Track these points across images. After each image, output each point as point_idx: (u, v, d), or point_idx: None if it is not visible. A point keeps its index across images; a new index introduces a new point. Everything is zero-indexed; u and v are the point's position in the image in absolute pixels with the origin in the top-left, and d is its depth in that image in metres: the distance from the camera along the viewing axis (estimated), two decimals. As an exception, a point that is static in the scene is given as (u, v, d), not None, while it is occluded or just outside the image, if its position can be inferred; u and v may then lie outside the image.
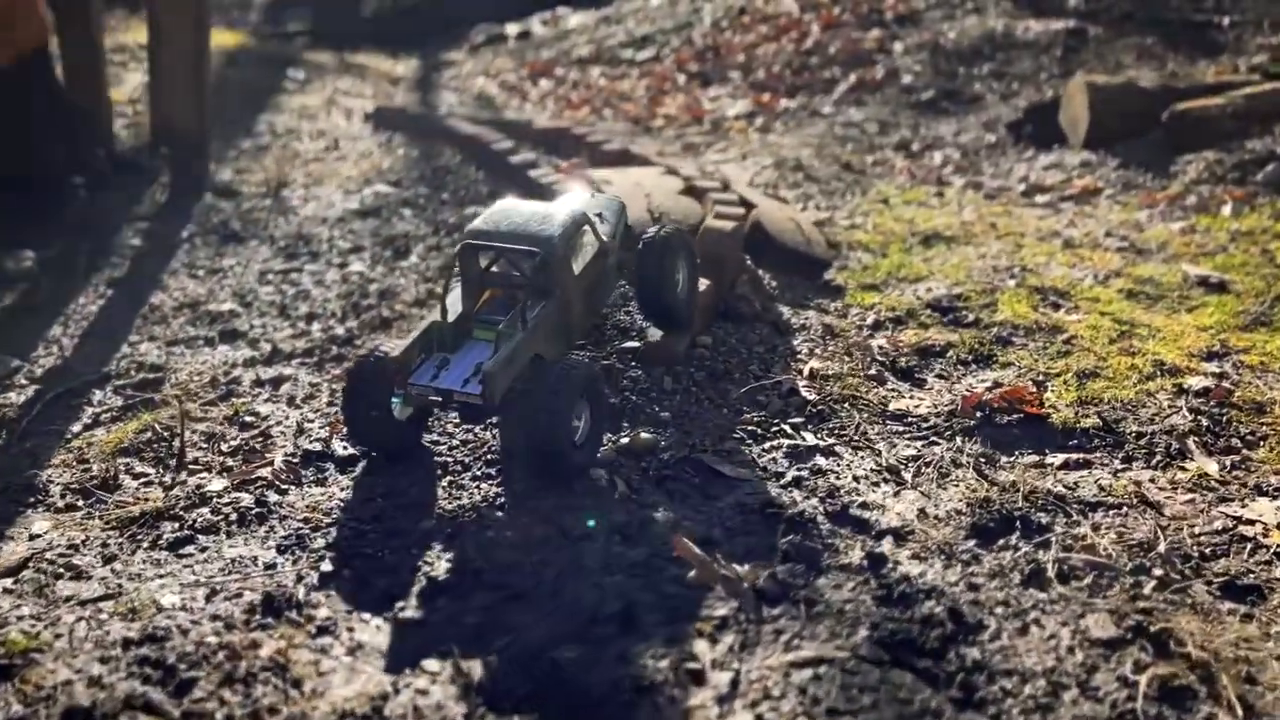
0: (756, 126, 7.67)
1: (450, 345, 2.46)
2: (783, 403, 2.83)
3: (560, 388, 2.33)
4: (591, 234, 2.65)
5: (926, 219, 4.62)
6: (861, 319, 3.48)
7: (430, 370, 2.41)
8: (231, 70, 9.64)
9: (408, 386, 2.39)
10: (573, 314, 2.59)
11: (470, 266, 2.54)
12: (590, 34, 12.35)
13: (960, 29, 8.88)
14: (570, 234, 2.52)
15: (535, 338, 2.44)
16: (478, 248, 2.51)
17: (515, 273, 2.51)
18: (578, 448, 2.43)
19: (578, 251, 2.58)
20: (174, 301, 3.68)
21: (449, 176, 5.27)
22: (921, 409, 2.85)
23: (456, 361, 2.43)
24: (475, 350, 2.44)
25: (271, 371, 3.14)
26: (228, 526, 2.32)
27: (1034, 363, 3.12)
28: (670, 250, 2.81)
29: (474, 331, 2.49)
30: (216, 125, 7.16)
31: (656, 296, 2.82)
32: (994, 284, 3.74)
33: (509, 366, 2.34)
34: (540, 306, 2.46)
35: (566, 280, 2.52)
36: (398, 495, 2.44)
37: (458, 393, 2.34)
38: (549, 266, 2.45)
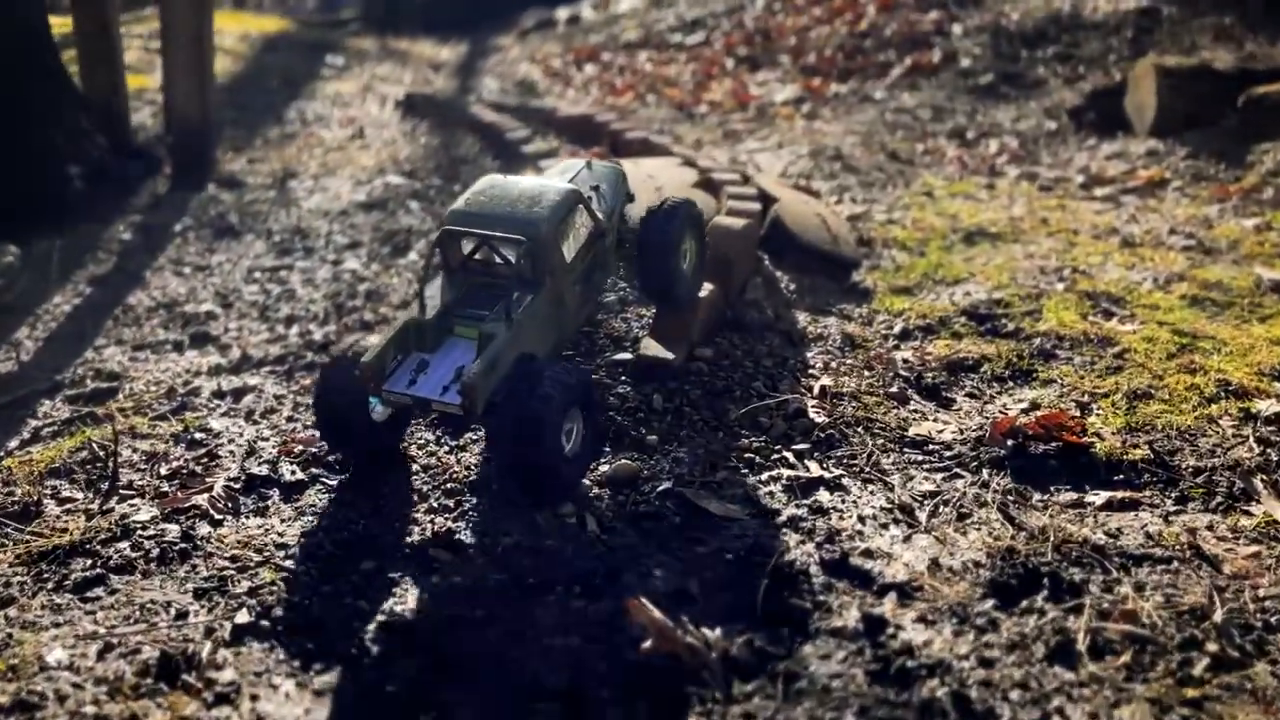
0: (804, 113, 7.30)
1: (429, 344, 2.22)
2: (787, 425, 2.51)
3: (551, 396, 2.08)
4: (586, 214, 2.39)
5: (972, 214, 4.25)
6: (888, 327, 3.14)
7: (407, 374, 2.18)
8: (270, 56, 9.50)
9: (382, 392, 2.15)
10: (565, 305, 2.35)
11: (451, 255, 2.31)
12: (640, 18, 12.04)
13: (1024, 9, 8.40)
14: (561, 217, 2.27)
15: (523, 336, 2.20)
16: (460, 234, 2.27)
17: (500, 261, 2.26)
18: (568, 461, 2.19)
19: (570, 235, 2.33)
20: (151, 301, 3.46)
21: (465, 167, 5.00)
22: (945, 434, 2.51)
23: (436, 363, 2.19)
24: (456, 350, 2.21)
25: (236, 381, 2.89)
26: (145, 565, 2.07)
27: (1079, 380, 2.76)
28: (676, 221, 2.54)
29: (455, 328, 2.25)
30: (247, 113, 6.99)
31: (659, 270, 2.54)
32: (1040, 287, 3.37)
33: (491, 373, 2.11)
34: (528, 299, 2.22)
35: (557, 269, 2.27)
36: (342, 528, 2.18)
37: (436, 402, 2.12)
38: (536, 255, 2.21)
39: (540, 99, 8.20)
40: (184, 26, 4.54)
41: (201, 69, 4.54)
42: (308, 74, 9.02)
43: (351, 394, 2.21)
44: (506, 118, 5.44)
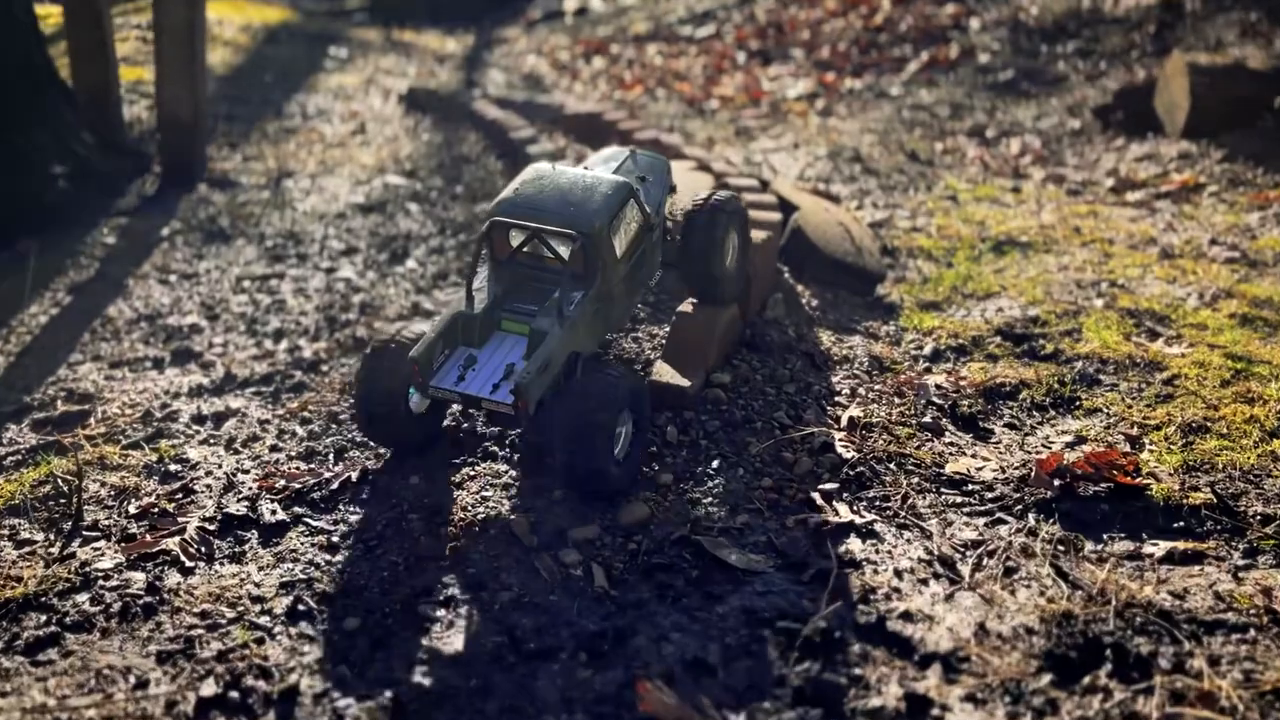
0: (817, 109, 7.08)
1: (477, 338, 2.15)
2: (813, 461, 2.30)
3: (604, 400, 2.05)
4: (636, 207, 2.29)
5: (999, 220, 4.03)
6: (917, 347, 2.93)
7: (455, 370, 2.11)
8: (272, 47, 9.28)
9: (430, 389, 2.09)
10: (614, 301, 2.26)
11: (499, 246, 2.23)
12: (649, 9, 11.82)
13: (1044, 3, 8.18)
14: (614, 211, 2.18)
15: (574, 334, 2.14)
16: (509, 225, 2.19)
17: (550, 255, 2.20)
18: (619, 464, 2.13)
19: (621, 229, 2.24)
20: (132, 312, 3.26)
21: (467, 167, 4.79)
22: (985, 472, 2.30)
23: (484, 359, 2.13)
24: (505, 346, 2.15)
25: (218, 403, 2.69)
26: (105, 621, 1.87)
27: (1127, 410, 2.55)
28: (721, 217, 2.45)
29: (503, 323, 2.18)
30: (246, 106, 6.78)
31: (703, 266, 2.47)
32: (1077, 303, 3.16)
33: (544, 374, 2.05)
34: (579, 296, 2.15)
35: (609, 265, 2.19)
36: (326, 575, 1.97)
37: (486, 400, 2.06)
38: (589, 250, 2.14)
39: (547, 93, 7.99)
40: (175, 19, 4.33)
41: (192, 64, 4.33)
42: (310, 66, 8.80)
43: (393, 384, 2.17)
44: (511, 114, 5.23)
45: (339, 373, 2.79)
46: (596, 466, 2.07)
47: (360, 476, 2.28)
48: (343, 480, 2.27)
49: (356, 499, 2.22)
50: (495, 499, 2.18)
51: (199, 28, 4.36)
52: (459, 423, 2.38)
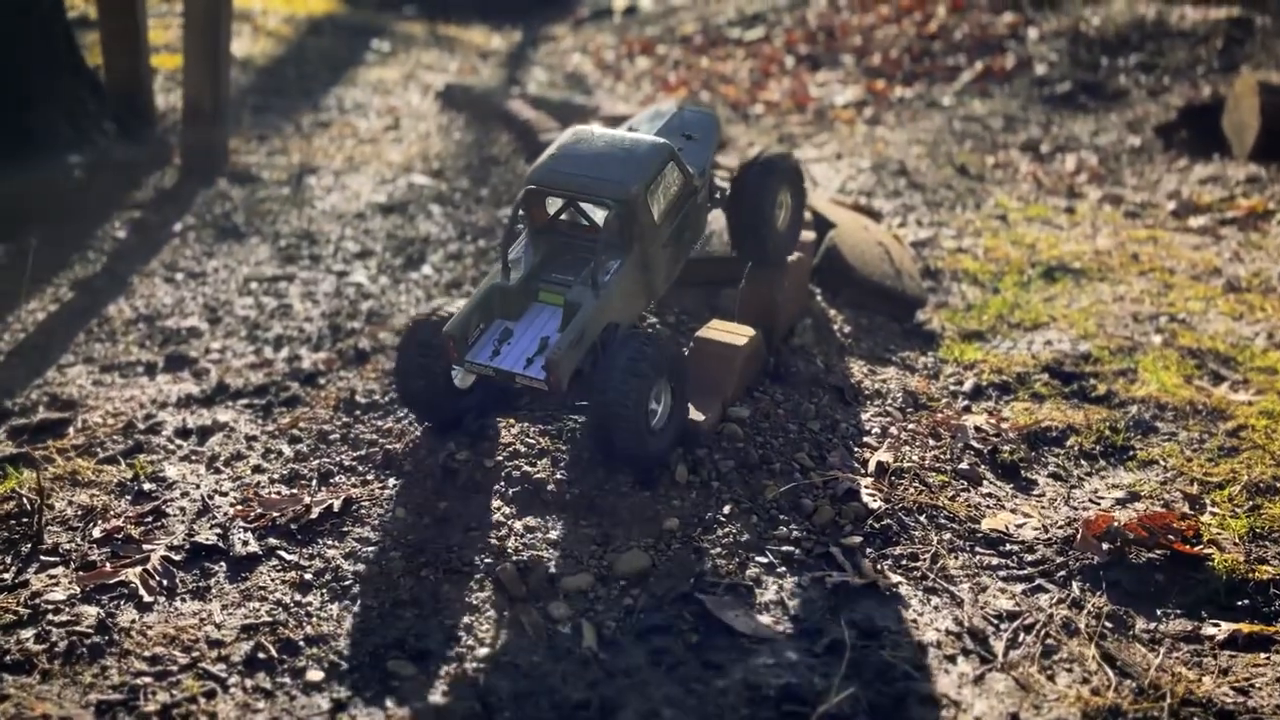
0: (865, 117, 6.85)
1: (514, 310, 2.11)
2: (835, 511, 2.10)
3: (637, 368, 1.99)
4: (677, 170, 2.21)
5: (1051, 243, 3.79)
6: (957, 383, 2.72)
7: (490, 344, 2.08)
8: (314, 39, 9.20)
9: (465, 363, 2.06)
10: (653, 269, 2.20)
11: (536, 214, 2.18)
12: (699, 10, 11.63)
13: (1105, 14, 7.87)
14: (651, 176, 2.11)
15: (610, 304, 2.08)
16: (545, 193, 2.13)
17: (586, 223, 2.15)
18: (655, 434, 2.08)
19: (660, 194, 2.16)
20: (131, 312, 3.12)
21: (495, 169, 4.62)
22: (1026, 530, 2.09)
23: (520, 332, 2.09)
24: (541, 318, 2.10)
25: (205, 416, 2.53)
26: (48, 663, 1.71)
27: (1186, 464, 2.32)
28: (772, 177, 2.39)
29: (539, 293, 2.13)
30: (282, 98, 6.68)
31: (753, 228, 2.42)
32: (1133, 340, 2.92)
33: (577, 347, 2.01)
34: (616, 265, 2.10)
35: (647, 232, 2.13)
36: (293, 619, 1.80)
37: (520, 375, 2.02)
38: (625, 218, 2.08)
39: (589, 93, 7.82)
40: (198, 9, 4.20)
41: (215, 56, 4.20)
42: (350, 59, 8.70)
43: (433, 359, 2.13)
44: (544, 115, 5.05)
45: (336, 387, 2.63)
46: (631, 439, 2.02)
47: (343, 506, 2.11)
48: (324, 509, 2.10)
49: (336, 531, 2.05)
50: (484, 539, 1.99)
51: (223, 19, 4.23)
52: (451, 453, 2.21)
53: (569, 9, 13.28)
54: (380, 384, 2.58)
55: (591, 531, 2.04)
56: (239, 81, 7.28)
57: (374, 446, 2.32)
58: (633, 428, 2.01)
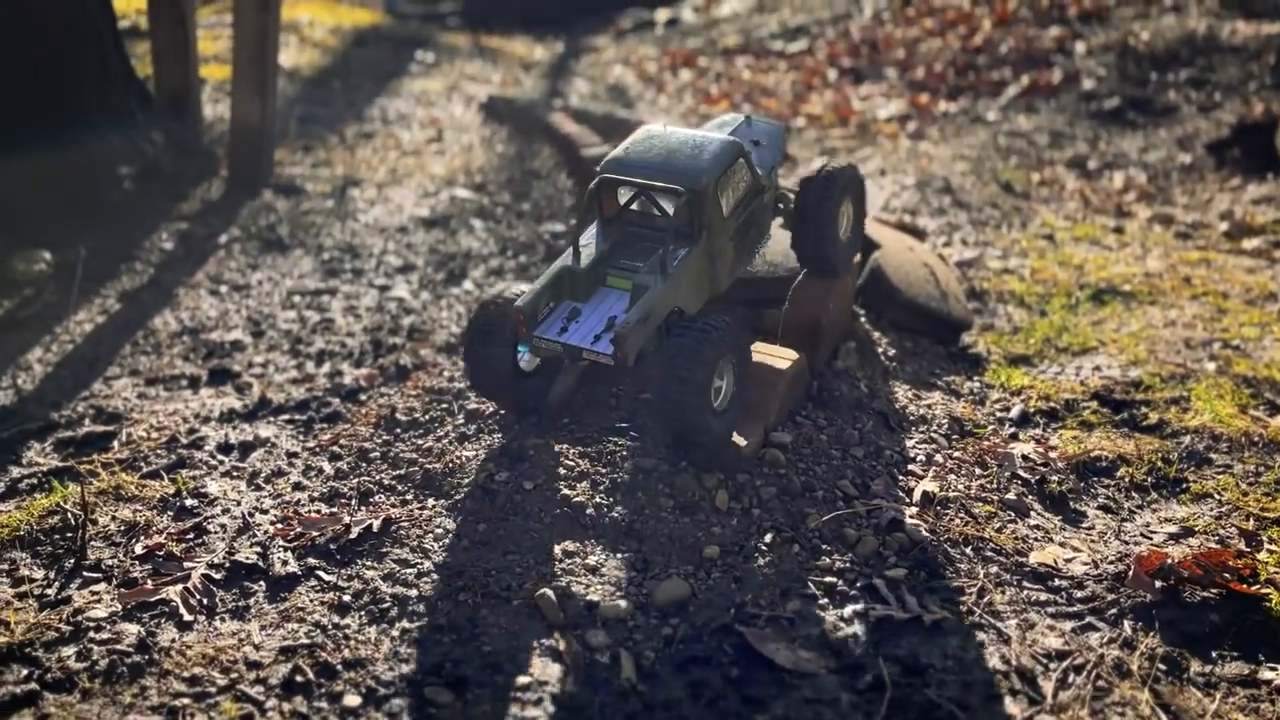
0: (908, 132, 6.79)
1: (582, 293, 2.19)
2: (879, 542, 2.06)
3: (701, 348, 2.04)
4: (746, 168, 2.30)
5: (1100, 265, 3.73)
6: (1003, 409, 2.67)
7: (559, 322, 2.16)
8: (359, 50, 9.28)
9: (532, 339, 2.13)
10: (719, 261, 2.27)
11: (607, 203, 2.27)
12: (742, 22, 11.62)
13: (1155, 29, 7.76)
14: (722, 169, 2.19)
15: (676, 290, 2.15)
16: (617, 182, 2.22)
17: (657, 212, 2.23)
18: (717, 415, 2.13)
19: (729, 189, 2.25)
20: (176, 325, 3.14)
21: (537, 183, 4.62)
22: (1075, 565, 2.04)
23: (587, 312, 2.17)
24: (609, 300, 2.18)
25: (248, 431, 2.54)
26: (88, 681, 1.72)
27: (1242, 498, 2.26)
28: (836, 188, 2.46)
29: (608, 278, 2.22)
30: (328, 108, 6.73)
31: (817, 237, 2.49)
32: (1186, 366, 2.86)
33: (644, 325, 2.07)
34: (683, 253, 2.17)
35: (715, 223, 2.21)
36: (331, 641, 1.80)
37: (587, 350, 2.09)
38: (695, 207, 2.16)
39: (630, 105, 7.82)
40: (249, 23, 4.24)
41: (263, 68, 4.24)
42: (394, 70, 8.77)
43: (501, 340, 2.21)
44: (586, 130, 5.05)
45: (376, 404, 2.63)
46: (694, 419, 2.06)
47: (382, 526, 2.10)
48: (363, 529, 2.09)
49: (375, 552, 2.04)
50: (522, 563, 1.98)
51: (272, 34, 4.27)
52: (490, 474, 2.20)
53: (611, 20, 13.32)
54: (421, 401, 2.58)
55: (631, 557, 2.02)
56: (285, 92, 7.35)
57: (414, 466, 2.32)
58: (697, 406, 2.05)
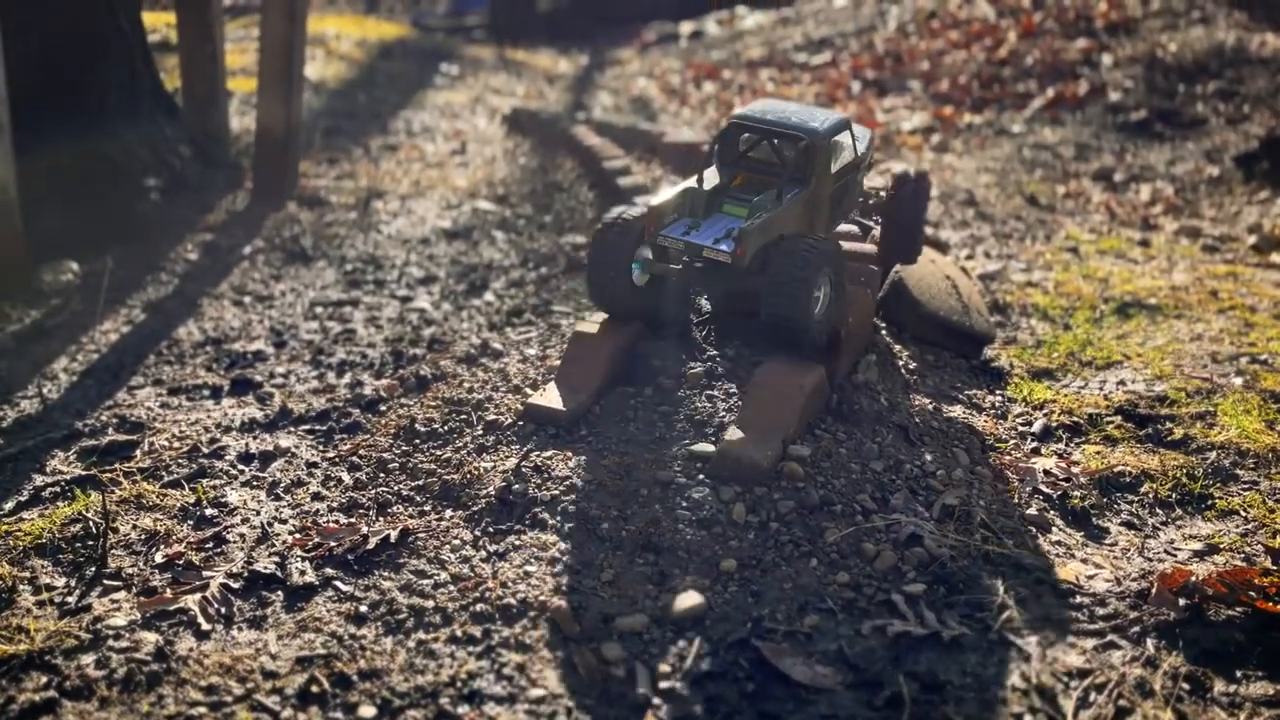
0: (932, 144, 6.77)
1: (701, 213, 2.48)
2: (898, 556, 2.05)
3: (811, 254, 2.33)
4: (850, 139, 2.64)
5: (1125, 278, 3.70)
6: (1025, 423, 2.65)
7: (681, 228, 2.44)
8: (385, 63, 9.35)
9: (659, 237, 2.42)
10: (819, 212, 2.57)
11: (729, 148, 2.60)
12: (765, 35, 11.63)
13: (1182, 41, 7.71)
14: (833, 130, 2.52)
15: (787, 217, 2.45)
16: (742, 128, 2.55)
17: (776, 159, 2.55)
18: (818, 321, 2.41)
19: (836, 151, 2.57)
20: (200, 335, 3.17)
21: (559, 195, 4.64)
22: (1098, 582, 2.02)
23: (706, 226, 2.44)
24: (724, 221, 2.46)
25: (268, 441, 2.56)
26: (107, 689, 1.73)
27: (1269, 515, 2.23)
28: (927, 187, 2.78)
29: (724, 206, 2.50)
30: (353, 120, 6.79)
31: (909, 232, 2.76)
32: (1212, 381, 2.83)
33: (763, 233, 2.36)
34: (796, 191, 2.47)
35: (822, 174, 2.52)
36: (347, 652, 1.80)
37: (708, 248, 2.36)
38: (811, 153, 2.47)
39: (654, 118, 7.83)
40: (275, 35, 4.28)
41: (289, 81, 4.28)
42: (420, 83, 8.83)
43: (620, 256, 2.46)
44: (608, 142, 5.06)
45: (396, 414, 2.64)
46: (797, 319, 2.33)
47: (399, 537, 2.10)
48: (381, 540, 2.10)
49: (392, 563, 2.04)
50: (539, 575, 1.98)
51: (298, 46, 4.31)
52: (508, 485, 2.20)
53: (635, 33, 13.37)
54: (440, 413, 2.59)
55: (647, 570, 2.01)
56: (311, 104, 7.42)
57: (432, 477, 2.32)
58: (805, 304, 2.31)
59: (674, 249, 2.43)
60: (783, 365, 2.43)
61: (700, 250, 2.36)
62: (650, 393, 2.57)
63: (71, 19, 4.04)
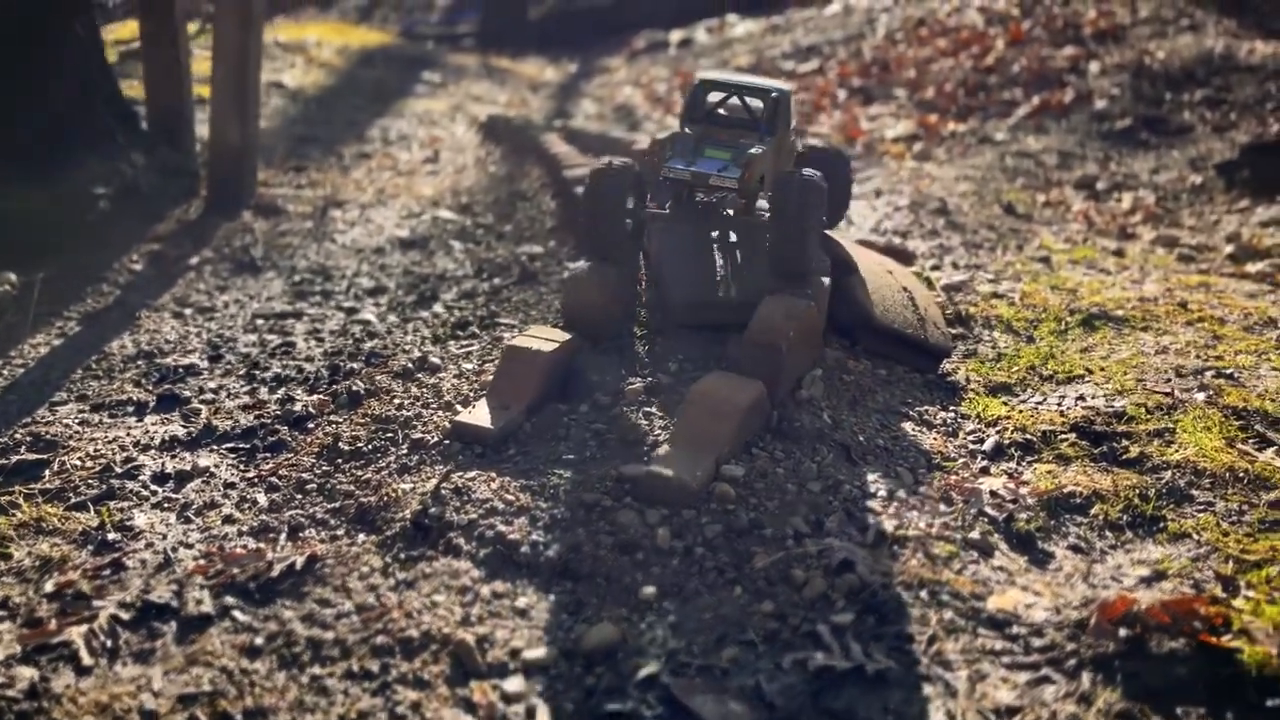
0: (914, 152, 6.68)
1: (690, 155, 2.58)
2: (827, 583, 1.94)
3: (821, 181, 2.49)
4: (792, 106, 2.77)
5: (1094, 289, 3.60)
6: (977, 441, 2.54)
7: (681, 162, 2.55)
8: (365, 70, 9.28)
9: (665, 169, 2.54)
10: (782, 157, 2.72)
11: (699, 105, 2.70)
12: (754, 43, 11.57)
13: (1171, 48, 7.63)
14: (789, 93, 2.70)
15: (766, 159, 2.57)
16: (711, 86, 2.69)
17: (745, 114, 2.67)
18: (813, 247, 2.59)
19: (789, 111, 2.72)
20: (133, 348, 3.07)
21: (521, 205, 4.54)
22: (1036, 611, 1.91)
23: (700, 163, 2.55)
24: (711, 161, 2.56)
25: (187, 460, 2.46)
26: (-29, 731, 1.63)
27: (1221, 538, 2.12)
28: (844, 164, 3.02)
29: (705, 151, 2.59)
30: (328, 128, 6.71)
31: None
32: (1174, 396, 2.72)
33: (763, 161, 2.52)
34: (770, 139, 2.61)
35: (787, 124, 2.69)
36: (235, 688, 1.69)
37: (715, 176, 2.50)
38: (779, 106, 2.64)
39: (636, 126, 7.75)
40: (229, 42, 4.19)
41: (244, 88, 4.19)
42: (400, 90, 8.76)
43: (618, 199, 2.61)
44: (574, 150, 4.97)
45: (323, 432, 2.54)
46: (808, 241, 2.49)
47: (306, 564, 2.00)
48: (286, 566, 1.99)
49: (296, 591, 1.94)
50: (446, 605, 1.87)
51: (253, 53, 4.22)
52: (424, 509, 2.10)
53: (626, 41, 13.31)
54: (367, 430, 2.49)
55: (564, 599, 1.91)
56: (287, 112, 7.34)
57: (349, 499, 2.22)
58: (817, 226, 2.51)
59: (680, 179, 2.55)
60: (720, 381, 2.33)
61: (707, 178, 2.50)
62: (586, 409, 2.47)
63: (23, 24, 3.96)
